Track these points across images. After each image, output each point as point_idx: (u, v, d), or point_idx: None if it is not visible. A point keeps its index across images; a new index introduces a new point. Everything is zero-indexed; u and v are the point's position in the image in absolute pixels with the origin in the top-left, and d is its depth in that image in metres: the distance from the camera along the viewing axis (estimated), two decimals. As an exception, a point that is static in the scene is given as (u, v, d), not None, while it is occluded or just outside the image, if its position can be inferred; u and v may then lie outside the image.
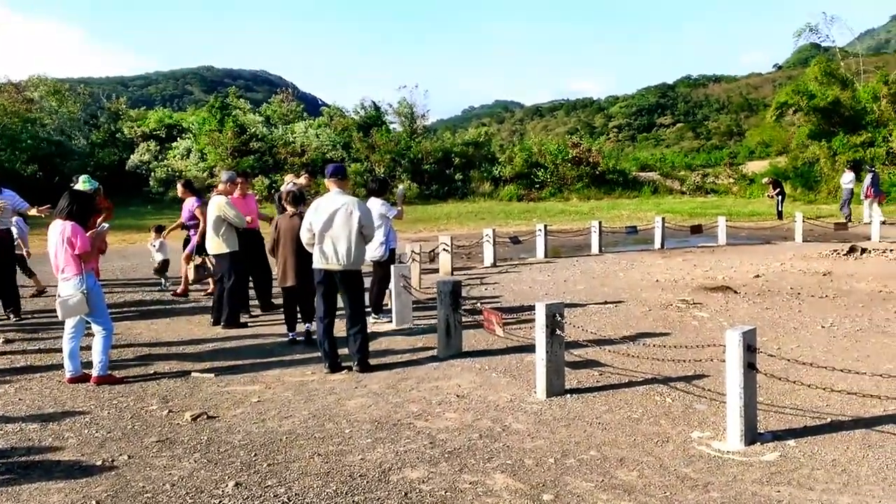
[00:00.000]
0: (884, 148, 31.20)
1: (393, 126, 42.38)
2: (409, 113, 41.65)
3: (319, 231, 6.33)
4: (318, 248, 6.37)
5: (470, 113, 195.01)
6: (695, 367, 6.02)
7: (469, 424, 4.90)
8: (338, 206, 6.35)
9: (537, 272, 12.46)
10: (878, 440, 4.48)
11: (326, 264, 6.35)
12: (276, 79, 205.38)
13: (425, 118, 42.90)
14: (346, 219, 6.32)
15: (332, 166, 6.74)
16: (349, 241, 6.31)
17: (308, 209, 6.64)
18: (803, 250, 14.62)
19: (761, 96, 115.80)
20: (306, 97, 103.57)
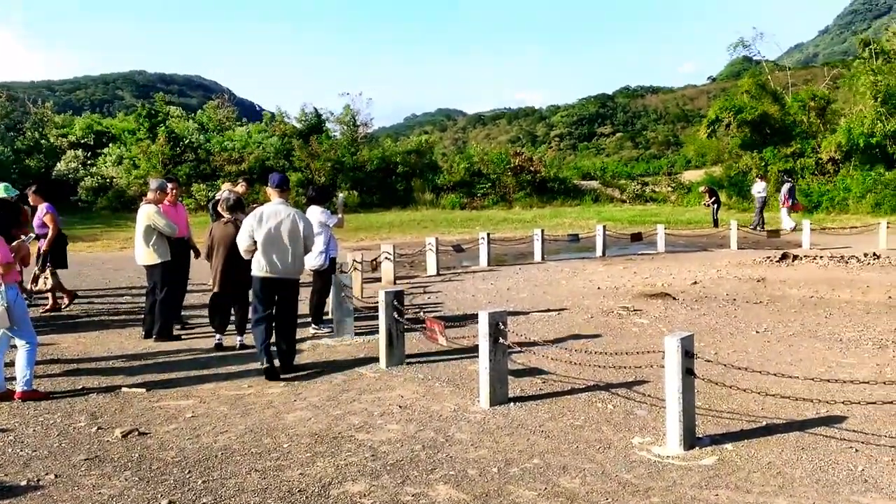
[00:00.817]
0: (812, 158, 32.52)
1: (334, 134, 42.06)
2: (351, 121, 41.41)
3: (263, 240, 6.41)
4: (260, 256, 6.45)
5: (412, 121, 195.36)
6: (635, 374, 6.12)
7: (412, 435, 4.86)
8: (282, 216, 6.49)
9: (480, 280, 12.52)
10: (812, 442, 4.63)
11: (268, 273, 6.45)
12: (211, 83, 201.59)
13: (368, 126, 42.73)
14: (291, 229, 6.47)
15: (276, 176, 6.84)
16: (292, 250, 6.48)
17: (248, 217, 6.66)
18: (738, 257, 15.09)
19: (697, 107, 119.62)
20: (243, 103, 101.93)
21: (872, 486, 3.95)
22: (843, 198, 29.14)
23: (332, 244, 8.61)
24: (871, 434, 4.73)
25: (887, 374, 6.16)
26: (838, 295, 10.13)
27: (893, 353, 6.89)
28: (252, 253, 6.51)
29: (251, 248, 6.49)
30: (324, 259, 8.36)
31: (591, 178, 47.47)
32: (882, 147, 30.58)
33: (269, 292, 6.53)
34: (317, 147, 37.84)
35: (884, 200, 27.48)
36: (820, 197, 29.92)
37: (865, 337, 7.56)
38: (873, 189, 28.61)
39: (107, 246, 19.79)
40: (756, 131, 33.62)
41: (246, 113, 57.58)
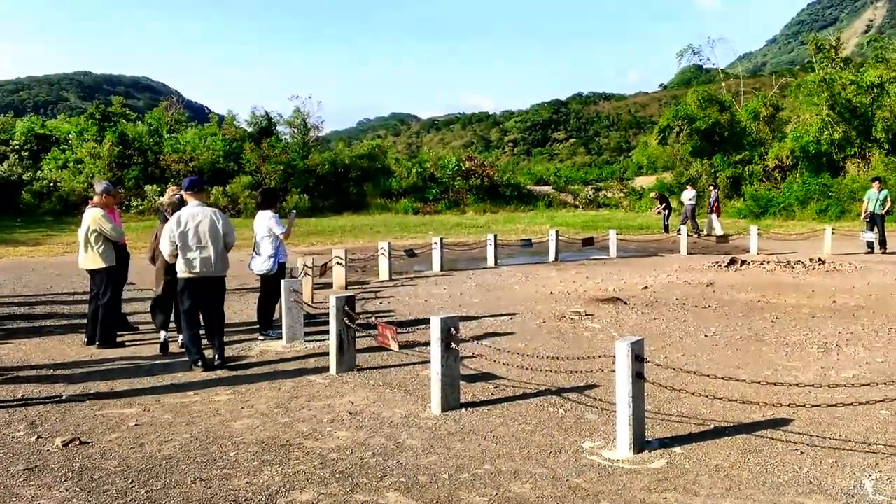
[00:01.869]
0: (760, 165, 33.50)
1: (285, 137, 41.68)
2: (301, 124, 41.07)
3: (183, 242, 6.70)
4: (183, 257, 6.73)
5: (366, 125, 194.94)
6: (586, 378, 6.19)
7: (362, 442, 4.83)
8: (200, 217, 6.80)
9: (433, 285, 12.52)
10: (758, 445, 4.74)
11: (191, 272, 6.75)
12: (160, 85, 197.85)
13: (319, 129, 42.44)
14: (210, 228, 6.79)
15: (187, 180, 7.21)
16: (213, 250, 6.79)
17: (169, 222, 6.90)
18: (688, 262, 15.42)
19: (648, 114, 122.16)
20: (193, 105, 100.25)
21: (817, 487, 4.06)
22: (789, 204, 30.07)
23: (282, 249, 8.50)
24: (815, 436, 4.87)
25: (831, 377, 6.36)
26: (784, 299, 10.43)
27: (838, 356, 7.12)
28: (176, 257, 6.76)
29: (174, 253, 6.76)
30: (272, 264, 8.27)
31: (544, 184, 48.08)
32: (828, 155, 31.68)
33: (195, 292, 6.80)
34: (267, 150, 37.44)
35: (828, 207, 28.46)
36: (767, 203, 30.81)
37: (810, 340, 7.79)
38: (818, 196, 29.60)
39: (49, 251, 19.17)
40: (706, 139, 34.52)
41: (196, 115, 56.67)
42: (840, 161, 31.79)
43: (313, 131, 41.91)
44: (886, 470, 4.27)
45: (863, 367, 6.64)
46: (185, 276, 6.75)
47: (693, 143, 34.70)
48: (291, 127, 41.57)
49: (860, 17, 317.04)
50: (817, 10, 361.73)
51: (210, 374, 6.69)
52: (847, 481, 4.12)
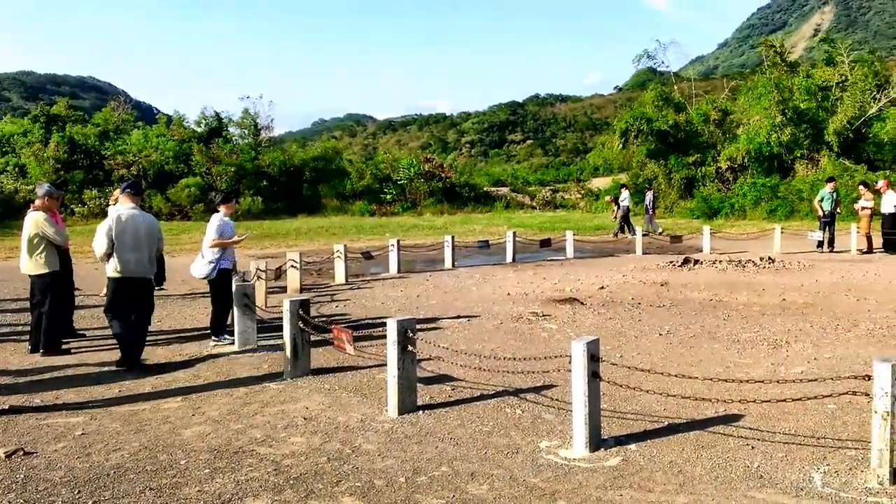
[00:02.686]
0: (713, 167, 34.25)
1: (236, 138, 41.14)
2: (252, 124, 40.57)
3: (121, 242, 6.94)
4: (114, 258, 6.95)
5: (321, 126, 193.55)
6: (543, 378, 6.25)
7: (317, 448, 4.79)
8: (139, 220, 7.11)
9: (390, 288, 12.49)
10: (711, 441, 4.85)
11: (121, 273, 6.99)
12: (106, 85, 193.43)
13: (270, 129, 41.98)
14: (146, 232, 7.12)
15: (128, 183, 7.53)
16: (143, 252, 7.09)
17: (103, 222, 7.11)
18: (643, 262, 15.69)
19: (604, 116, 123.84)
20: (140, 105, 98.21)
21: (767, 481, 4.17)
22: (740, 204, 30.81)
23: (227, 255, 8.25)
24: (766, 431, 5.00)
25: (781, 372, 6.54)
26: (736, 298, 10.68)
27: (787, 352, 7.32)
28: (109, 257, 6.98)
29: (107, 252, 6.94)
30: (210, 270, 8.08)
31: (501, 185, 48.33)
32: (778, 157, 32.54)
33: (124, 292, 7.05)
34: (217, 151, 36.90)
35: (778, 207, 29.24)
36: (720, 204, 31.52)
37: (761, 337, 8.00)
38: (769, 196, 30.40)
39: None
40: (661, 140, 35.16)
41: (144, 116, 55.52)
42: (789, 162, 32.69)
43: (264, 132, 41.43)
44: (834, 463, 4.40)
45: (811, 363, 6.83)
46: (115, 275, 7.00)
47: (648, 145, 35.34)
48: (242, 128, 41.03)
49: (808, 21, 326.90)
50: (767, 14, 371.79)
51: (160, 381, 6.57)
52: (796, 475, 4.24)
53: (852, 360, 6.91)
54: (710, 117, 35.65)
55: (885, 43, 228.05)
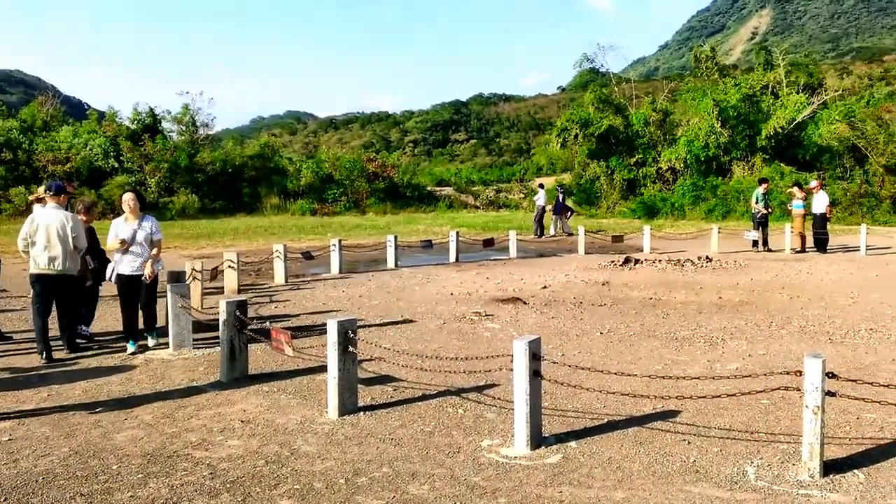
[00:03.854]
0: (654, 168, 35.06)
1: (171, 134, 40.18)
2: (190, 121, 39.69)
3: (34, 240, 7.30)
4: (34, 255, 7.32)
5: (259, 123, 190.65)
6: (486, 378, 6.31)
7: (254, 451, 4.74)
8: (52, 219, 7.40)
9: (331, 288, 12.41)
10: (649, 437, 4.98)
11: (40, 270, 7.34)
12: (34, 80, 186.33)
13: (209, 127, 41.14)
14: (59, 230, 7.36)
15: (50, 183, 7.79)
16: (62, 250, 7.37)
17: (26, 221, 7.45)
18: (585, 262, 15.96)
19: (547, 116, 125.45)
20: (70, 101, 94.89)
21: (703, 475, 4.31)
22: (680, 205, 31.63)
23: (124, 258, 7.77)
24: (702, 426, 5.16)
25: (717, 369, 6.75)
26: (675, 296, 10.97)
27: (723, 349, 7.56)
28: (27, 253, 7.38)
29: (26, 249, 7.35)
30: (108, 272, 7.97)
31: (445, 185, 48.51)
32: (716, 158, 33.51)
33: (44, 288, 7.39)
34: (151, 148, 35.99)
35: (715, 207, 30.12)
36: (660, 204, 32.30)
37: (698, 335, 8.24)
38: (706, 197, 31.29)
39: None
40: (602, 141, 35.82)
41: (75, 113, 53.69)
42: (727, 164, 33.71)
43: (203, 129, 40.60)
44: (767, 457, 4.57)
45: (746, 360, 7.08)
46: (35, 272, 7.37)
47: (590, 145, 35.96)
48: (179, 124, 40.10)
49: (746, 24, 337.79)
50: (706, 17, 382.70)
51: (91, 385, 6.39)
52: (731, 469, 4.39)
53: (785, 356, 7.19)
54: (651, 119, 36.50)
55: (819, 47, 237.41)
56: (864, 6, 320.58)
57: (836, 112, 32.25)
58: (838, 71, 73.03)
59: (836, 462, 4.43)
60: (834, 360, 6.86)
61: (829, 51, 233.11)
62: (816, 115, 33.15)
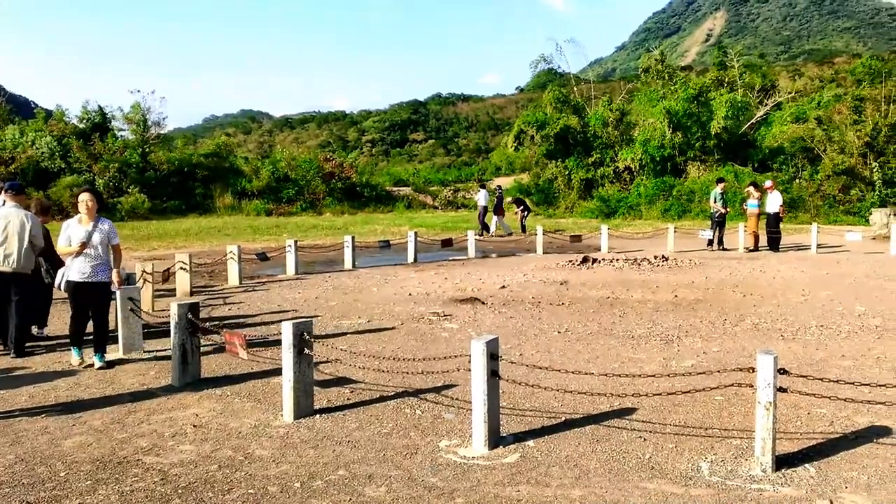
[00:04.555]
0: (611, 168, 35.52)
1: (122, 133, 39.34)
2: (141, 120, 38.90)
3: None
4: None
5: (213, 122, 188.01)
6: (444, 378, 6.33)
7: (207, 455, 4.67)
8: (11, 218, 7.52)
9: (287, 289, 12.30)
10: (605, 434, 5.05)
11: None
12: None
13: (161, 126, 40.36)
14: (17, 229, 7.46)
15: (9, 183, 7.87)
16: (19, 248, 7.47)
17: None
18: (544, 262, 16.10)
19: (506, 116, 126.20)
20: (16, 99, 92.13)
21: (658, 472, 4.38)
22: (637, 204, 32.10)
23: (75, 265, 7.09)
24: (657, 423, 5.25)
25: (672, 366, 6.87)
26: (631, 295, 11.14)
27: (678, 347, 7.70)
28: None
29: None
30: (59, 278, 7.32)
31: (403, 185, 48.41)
32: (671, 158, 34.11)
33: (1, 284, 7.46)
34: (100, 147, 35.22)
35: (671, 207, 30.65)
36: (617, 203, 32.75)
37: (654, 333, 8.38)
38: (662, 197, 31.82)
39: None
40: (560, 141, 36.19)
41: (22, 111, 52.15)
42: (682, 164, 34.33)
43: (154, 128, 39.80)
44: (721, 452, 4.67)
45: (700, 357, 7.22)
46: None
47: (548, 145, 36.29)
48: (131, 123, 39.24)
49: (701, 26, 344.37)
50: (663, 18, 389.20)
51: (37, 390, 6.23)
52: (685, 464, 4.48)
53: (738, 353, 7.35)
54: (608, 119, 36.99)
55: (772, 49, 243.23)
56: (816, 9, 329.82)
57: (788, 113, 33.08)
58: (790, 73, 74.82)
59: (788, 456, 4.54)
60: (786, 356, 7.04)
61: (782, 53, 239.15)
62: (770, 116, 33.96)
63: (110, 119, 39.38)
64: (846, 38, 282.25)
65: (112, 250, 7.35)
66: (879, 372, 6.58)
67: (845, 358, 7.12)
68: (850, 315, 9.33)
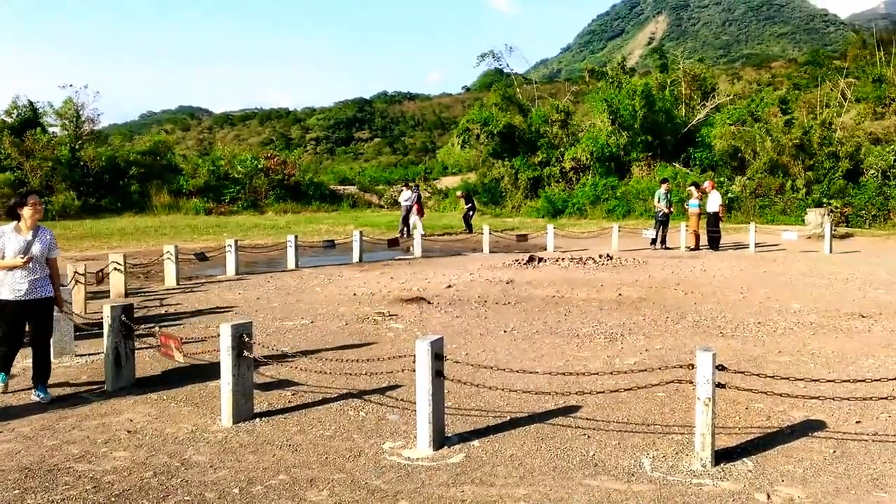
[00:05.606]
0: (557, 167, 35.94)
1: (54, 129, 38.07)
2: (74, 115, 37.71)
3: None
4: None
5: (150, 118, 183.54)
6: (389, 379, 6.30)
7: (142, 462, 4.54)
8: None
9: (227, 290, 12.07)
10: (550, 432, 5.09)
11: None
12: None
13: (95, 122, 39.19)
14: None
15: None
16: None
17: None
18: (490, 261, 16.18)
19: (453, 115, 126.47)
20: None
21: (602, 469, 4.44)
22: (582, 204, 32.55)
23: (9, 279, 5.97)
24: (601, 421, 5.32)
25: (616, 364, 6.98)
26: (577, 294, 11.28)
27: (622, 345, 7.82)
28: None
29: None
30: None
31: (348, 183, 48.11)
32: (616, 158, 34.70)
33: None
34: (31, 143, 34.04)
35: (616, 207, 31.17)
36: (563, 203, 33.14)
37: (598, 331, 8.50)
38: (607, 196, 32.35)
39: None
40: (506, 141, 36.46)
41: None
42: (627, 164, 34.96)
43: (88, 124, 38.62)
44: (662, 448, 4.76)
45: (643, 354, 7.35)
46: None
47: (493, 144, 36.51)
48: (63, 118, 37.99)
49: (644, 29, 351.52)
50: (607, 21, 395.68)
51: (-45, 399, 5.96)
52: (628, 461, 4.55)
53: (680, 350, 7.51)
54: (553, 119, 37.41)
55: (712, 53, 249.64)
56: (754, 15, 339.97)
57: (727, 115, 33.99)
58: (730, 76, 77.14)
59: (727, 451, 4.66)
60: (724, 352, 7.22)
61: (721, 57, 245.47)
62: (710, 118, 34.84)
63: (42, 114, 38.09)
64: (782, 42, 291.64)
65: (48, 265, 6.20)
66: (814, 367, 6.81)
67: (782, 354, 7.34)
68: (787, 312, 9.63)
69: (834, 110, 33.40)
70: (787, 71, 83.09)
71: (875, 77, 33.94)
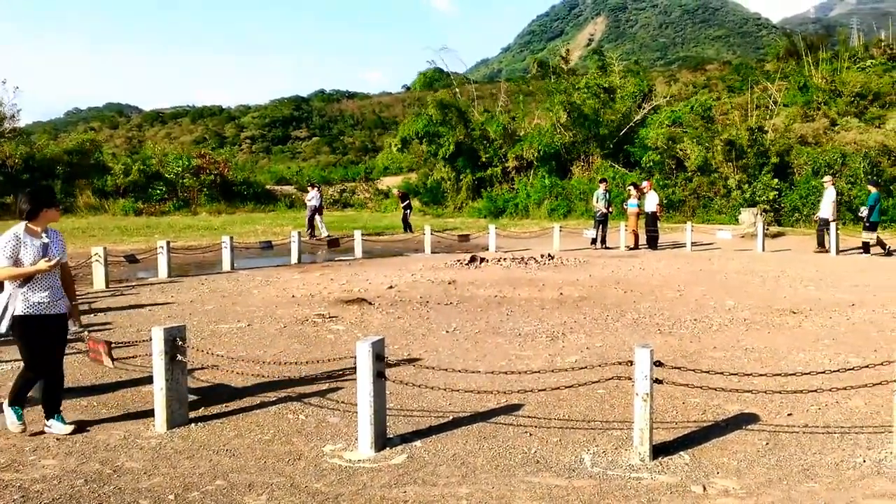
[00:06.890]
0: (500, 167, 36.23)
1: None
2: (-8, 112, 36.28)
3: None
4: None
5: (76, 115, 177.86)
6: (329, 381, 6.27)
7: (72, 470, 4.42)
8: None
9: (158, 293, 11.81)
10: (492, 431, 5.15)
11: None
12: None
13: (15, 119, 37.76)
14: None
15: None
16: None
17: None
18: (432, 261, 16.23)
19: (393, 114, 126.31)
20: None
21: (544, 466, 4.52)
22: (524, 204, 32.90)
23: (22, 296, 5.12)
24: (543, 418, 5.42)
25: (557, 362, 7.10)
26: (519, 293, 11.41)
27: (563, 343, 7.95)
28: None
29: None
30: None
31: (286, 183, 47.55)
32: (557, 157, 35.18)
33: None
34: (-54, 141, 32.64)
35: (558, 207, 31.61)
36: (505, 203, 33.45)
37: (540, 330, 8.62)
38: (549, 196, 32.78)
39: None
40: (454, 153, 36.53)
41: None
42: (567, 163, 35.48)
43: (7, 122, 37.18)
44: (602, 444, 4.88)
45: (584, 352, 7.50)
46: None
47: (433, 148, 36.58)
48: (-21, 115, 36.51)
49: (583, 31, 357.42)
50: (546, 21, 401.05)
51: None
52: (569, 457, 4.65)
53: (619, 347, 7.68)
54: (494, 120, 37.70)
55: (649, 55, 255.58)
56: (689, 18, 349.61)
57: (664, 117, 34.82)
58: (666, 78, 79.15)
59: (665, 445, 4.80)
60: (662, 349, 7.42)
61: (658, 59, 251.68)
62: (648, 119, 35.63)
63: (-42, 111, 36.55)
64: (717, 45, 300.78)
65: (62, 271, 5.45)
66: (748, 362, 7.05)
67: (717, 349, 7.59)
68: (721, 309, 9.94)
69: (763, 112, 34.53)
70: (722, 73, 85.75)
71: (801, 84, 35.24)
